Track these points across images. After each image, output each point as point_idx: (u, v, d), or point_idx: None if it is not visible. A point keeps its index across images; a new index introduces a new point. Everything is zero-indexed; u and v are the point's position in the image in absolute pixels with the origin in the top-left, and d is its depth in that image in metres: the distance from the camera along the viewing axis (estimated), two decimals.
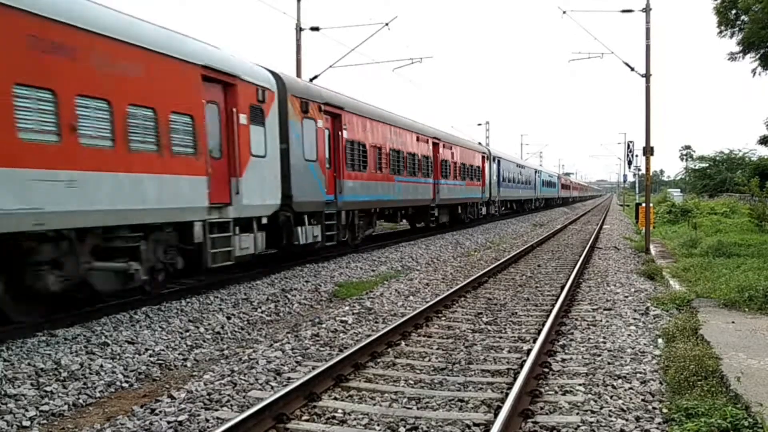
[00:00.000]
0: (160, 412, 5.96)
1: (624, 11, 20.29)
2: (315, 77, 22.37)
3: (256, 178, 12.44)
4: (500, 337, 8.82)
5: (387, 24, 22.74)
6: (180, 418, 5.73)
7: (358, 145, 18.29)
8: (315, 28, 23.57)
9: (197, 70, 10.74)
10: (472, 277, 13.60)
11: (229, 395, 6.38)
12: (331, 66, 23.09)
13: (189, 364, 7.96)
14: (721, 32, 21.90)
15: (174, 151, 10.11)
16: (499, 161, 39.38)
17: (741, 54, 21.86)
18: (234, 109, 11.78)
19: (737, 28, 21.16)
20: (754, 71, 20.33)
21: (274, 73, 13.96)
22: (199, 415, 5.84)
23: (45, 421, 5.99)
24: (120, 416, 5.98)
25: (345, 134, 17.22)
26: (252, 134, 12.37)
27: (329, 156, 16.42)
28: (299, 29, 23.40)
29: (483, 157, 35.11)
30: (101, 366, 7.31)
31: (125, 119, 9.16)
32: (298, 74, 23.02)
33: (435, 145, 26.49)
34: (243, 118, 12.06)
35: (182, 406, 6.08)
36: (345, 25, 40.96)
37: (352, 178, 17.62)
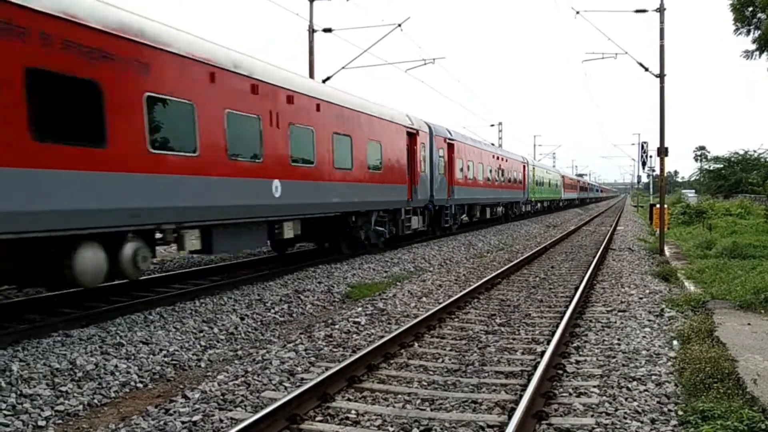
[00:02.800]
0: (175, 412, 5.99)
1: (638, 11, 20.15)
2: (328, 78, 22.42)
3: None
4: (514, 339, 8.79)
5: (399, 25, 22.74)
6: (194, 419, 5.75)
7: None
8: (328, 30, 23.62)
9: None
10: (485, 279, 13.56)
11: (242, 396, 6.40)
12: (343, 67, 23.12)
13: (203, 365, 7.99)
14: (737, 29, 21.72)
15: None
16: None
17: (757, 52, 21.65)
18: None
19: (753, 26, 20.98)
20: None
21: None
22: (213, 415, 5.86)
23: (60, 421, 6.03)
24: (135, 416, 6.01)
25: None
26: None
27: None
28: (312, 30, 23.46)
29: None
30: (116, 366, 7.35)
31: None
32: (311, 75, 23.10)
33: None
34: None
35: (196, 406, 6.10)
36: (357, 27, 40.93)
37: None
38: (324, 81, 22.07)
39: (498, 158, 34.33)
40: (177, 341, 8.59)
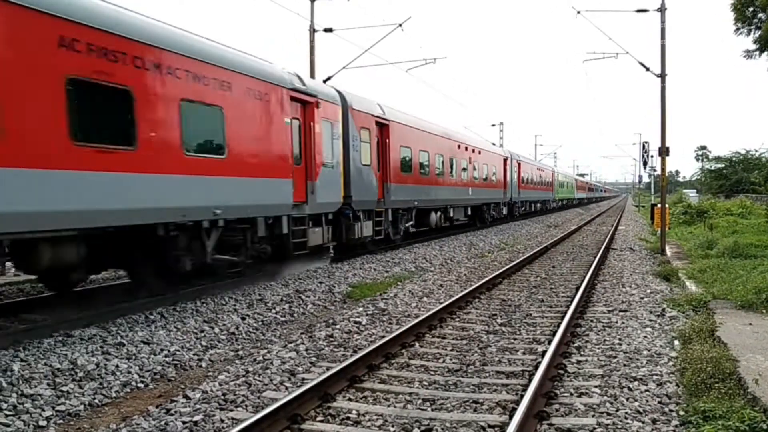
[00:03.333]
0: (176, 412, 5.99)
1: (639, 11, 20.13)
2: (328, 78, 22.41)
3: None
4: (515, 339, 8.78)
5: (400, 25, 22.73)
6: (195, 419, 5.75)
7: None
8: (328, 30, 23.64)
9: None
10: (486, 278, 13.56)
11: (243, 396, 6.40)
12: (344, 67, 23.12)
13: (204, 365, 7.99)
14: (737, 29, 21.68)
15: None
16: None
17: (758, 52, 21.63)
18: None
19: (754, 26, 20.95)
20: None
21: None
22: (214, 415, 5.86)
23: (61, 421, 6.04)
24: (135, 416, 6.02)
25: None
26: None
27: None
28: (313, 30, 23.47)
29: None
30: (117, 366, 7.36)
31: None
32: (312, 75, 23.09)
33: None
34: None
35: (197, 406, 6.10)
36: (358, 26, 40.91)
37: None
38: (325, 81, 22.08)
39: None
40: (178, 341, 8.59)
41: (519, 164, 40.51)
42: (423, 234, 24.81)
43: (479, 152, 30.56)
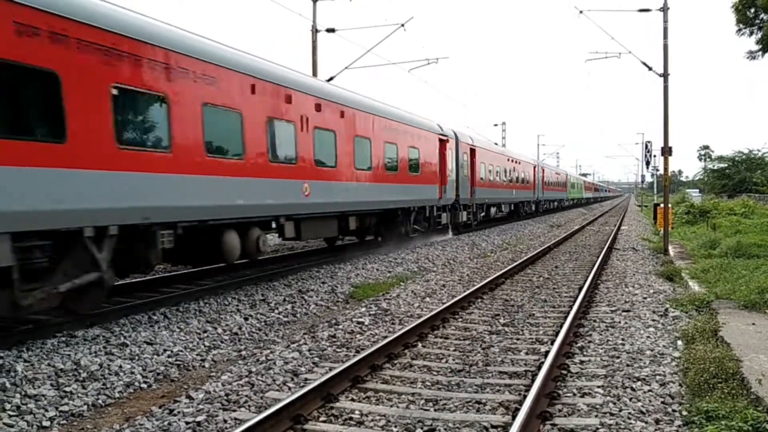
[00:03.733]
0: (179, 412, 6.00)
1: (641, 10, 20.09)
2: (331, 78, 22.43)
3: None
4: (517, 339, 8.78)
5: (403, 25, 22.74)
6: (198, 419, 5.76)
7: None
8: (331, 30, 23.64)
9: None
10: (489, 279, 13.55)
11: (246, 396, 6.41)
12: (347, 67, 23.14)
13: (207, 365, 8.00)
14: (739, 30, 21.62)
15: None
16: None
17: (760, 52, 21.57)
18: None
19: (756, 27, 20.89)
20: None
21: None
22: (217, 415, 5.87)
23: (65, 422, 6.05)
24: (139, 417, 6.03)
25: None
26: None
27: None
28: (315, 31, 23.48)
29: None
30: (120, 366, 7.37)
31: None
32: (314, 75, 23.10)
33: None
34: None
35: (200, 406, 6.11)
36: (361, 27, 40.97)
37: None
38: (327, 81, 22.09)
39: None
40: (181, 341, 8.61)
41: (543, 170, 50.74)
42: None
43: (519, 162, 40.71)
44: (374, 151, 17.25)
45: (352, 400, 6.34)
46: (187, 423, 5.69)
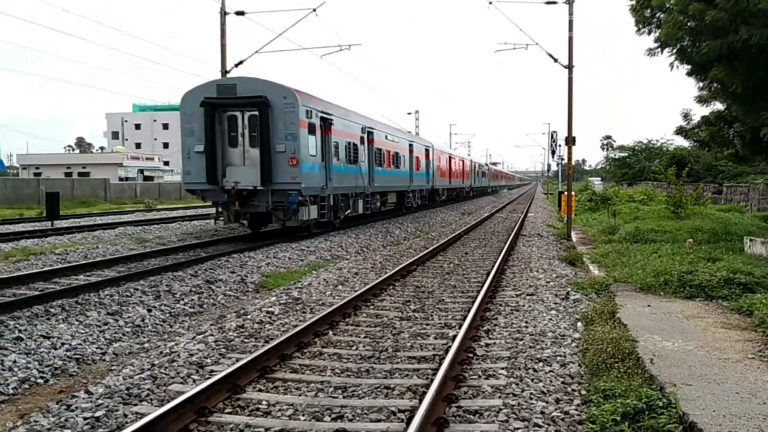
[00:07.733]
0: (77, 408, 5.72)
1: (548, 2, 20.70)
2: (240, 62, 21.95)
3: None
4: (427, 324, 8.90)
5: (315, 10, 22.55)
6: (97, 414, 5.52)
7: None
8: (240, 13, 23.13)
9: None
10: (401, 266, 13.68)
11: (149, 389, 6.19)
12: (257, 51, 22.75)
13: (107, 359, 7.69)
14: (639, 30, 22.57)
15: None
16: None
17: (659, 49, 22.61)
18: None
19: (654, 25, 21.84)
20: (671, 65, 20.99)
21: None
22: (117, 410, 5.64)
23: None
24: (34, 413, 5.73)
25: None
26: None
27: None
28: (224, 13, 22.89)
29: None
30: (14, 362, 7.03)
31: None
32: (223, 60, 22.55)
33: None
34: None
35: (99, 401, 5.86)
36: (272, 10, 40.21)
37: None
38: (236, 65, 21.61)
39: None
40: (80, 335, 8.24)
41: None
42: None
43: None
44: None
45: (260, 390, 6.24)
46: (85, 418, 5.44)
